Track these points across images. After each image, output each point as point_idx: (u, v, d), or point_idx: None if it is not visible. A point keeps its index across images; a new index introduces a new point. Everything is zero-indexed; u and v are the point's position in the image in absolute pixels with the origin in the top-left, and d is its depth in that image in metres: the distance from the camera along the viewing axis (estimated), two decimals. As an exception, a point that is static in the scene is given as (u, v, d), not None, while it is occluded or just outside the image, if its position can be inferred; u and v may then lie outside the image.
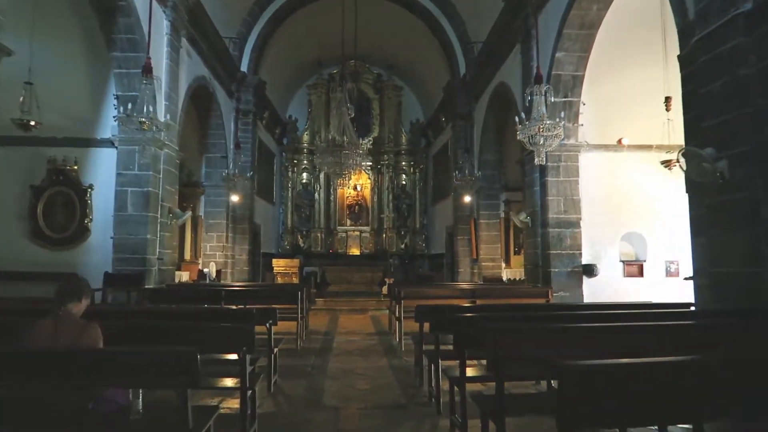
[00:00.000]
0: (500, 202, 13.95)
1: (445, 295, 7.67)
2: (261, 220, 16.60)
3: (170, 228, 9.24)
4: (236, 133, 14.06)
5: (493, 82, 12.30)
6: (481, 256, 13.76)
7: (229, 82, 13.45)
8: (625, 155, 9.04)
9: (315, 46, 17.37)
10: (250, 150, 14.66)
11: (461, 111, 14.76)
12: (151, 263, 8.61)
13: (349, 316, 12.17)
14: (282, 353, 7.07)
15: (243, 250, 14.41)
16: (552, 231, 8.80)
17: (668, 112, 7.29)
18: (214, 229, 13.49)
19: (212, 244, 13.49)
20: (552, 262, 8.74)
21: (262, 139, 16.48)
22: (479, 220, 13.90)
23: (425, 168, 19.83)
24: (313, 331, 9.46)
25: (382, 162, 19.58)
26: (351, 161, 7.84)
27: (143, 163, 8.38)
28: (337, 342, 8.33)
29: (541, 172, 9.11)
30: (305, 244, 19.19)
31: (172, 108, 9.28)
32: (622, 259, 8.91)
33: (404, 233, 19.58)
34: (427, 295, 7.67)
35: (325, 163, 8.02)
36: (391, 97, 19.70)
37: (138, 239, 8.46)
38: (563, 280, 8.70)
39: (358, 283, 16.54)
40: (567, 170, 8.91)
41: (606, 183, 8.99)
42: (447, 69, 15.73)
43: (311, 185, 19.50)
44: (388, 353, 7.33)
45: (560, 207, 8.85)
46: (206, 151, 13.53)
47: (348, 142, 7.77)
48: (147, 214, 8.51)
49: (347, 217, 20.04)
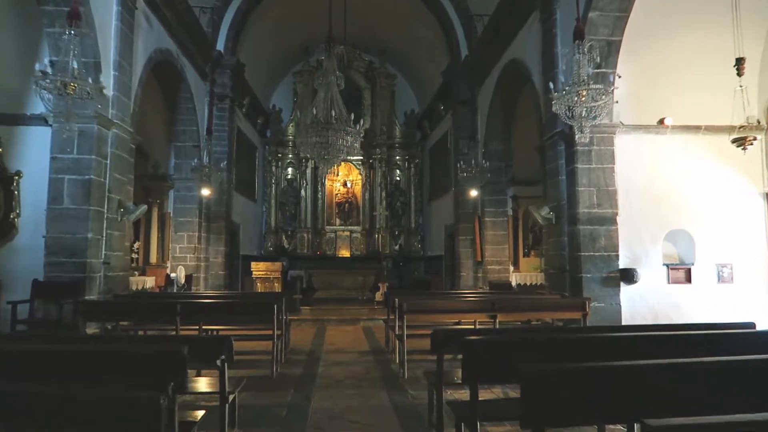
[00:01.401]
0: (507, 197, 12.46)
1: (457, 309, 6.14)
2: (240, 219, 14.98)
3: (121, 225, 7.62)
4: (210, 119, 12.43)
5: (502, 60, 10.80)
6: (487, 258, 12.26)
7: (201, 62, 11.82)
8: (668, 138, 7.58)
9: (301, 30, 15.78)
10: (227, 139, 13.05)
11: (463, 97, 13.26)
12: (94, 268, 6.99)
13: (338, 327, 10.60)
14: (251, 384, 5.50)
15: (218, 252, 12.78)
16: (583, 229, 7.31)
17: (740, 77, 5.83)
18: (185, 228, 11.86)
19: (182, 246, 11.86)
20: (583, 266, 7.24)
21: (241, 129, 14.86)
22: (484, 218, 12.39)
23: (421, 162, 18.31)
24: (294, 350, 7.88)
25: (374, 156, 18.03)
26: (341, 142, 6.30)
27: (67, 138, 6.72)
28: (323, 365, 6.76)
29: (569, 159, 7.62)
30: (290, 245, 17.57)
31: (123, 80, 7.67)
32: (665, 263, 7.44)
33: (398, 233, 18.03)
34: (436, 308, 6.14)
35: (309, 146, 6.46)
36: (384, 86, 18.16)
37: (77, 239, 6.83)
38: (596, 288, 7.21)
39: (349, 289, 14.99)
40: (600, 156, 7.42)
41: (646, 171, 7.52)
42: (446, 52, 14.23)
43: (297, 181, 17.88)
44: (388, 383, 5.78)
45: (592, 200, 7.36)
46: (175, 139, 11.90)
47: (337, 119, 6.23)
48: (88, 208, 6.89)
49: (336, 216, 18.45)
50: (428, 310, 6.09)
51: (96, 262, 7.01)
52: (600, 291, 7.20)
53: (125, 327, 6.94)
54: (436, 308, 6.10)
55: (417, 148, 18.30)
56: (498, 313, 6.01)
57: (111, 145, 7.40)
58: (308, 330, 10.20)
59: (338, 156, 6.60)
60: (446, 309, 6.10)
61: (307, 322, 10.99)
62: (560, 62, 7.65)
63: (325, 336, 9.42)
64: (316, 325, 10.81)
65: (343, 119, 6.37)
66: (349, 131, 6.40)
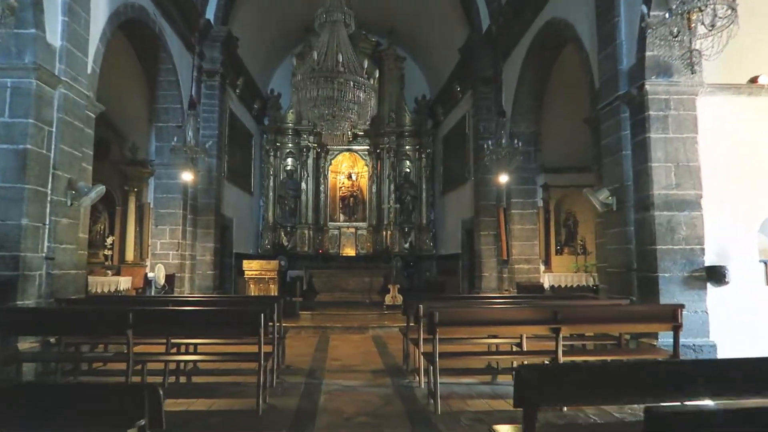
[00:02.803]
0: (537, 187, 10.88)
1: (506, 320, 4.54)
2: (234, 213, 13.42)
3: (72, 211, 6.05)
4: (198, 96, 10.88)
5: (536, 24, 9.23)
6: (514, 256, 10.67)
7: (186, 30, 10.26)
8: (764, 101, 5.99)
9: (301, 6, 14.21)
10: (217, 121, 11.50)
11: (484, 74, 11.69)
12: (31, 265, 5.42)
13: (343, 337, 9.02)
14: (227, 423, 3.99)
15: (206, 249, 11.22)
16: (659, 216, 5.72)
17: None
18: (167, 221, 10.30)
19: (164, 241, 10.29)
20: (659, 263, 5.65)
21: (234, 112, 13.31)
22: (510, 211, 10.81)
23: (432, 153, 16.71)
24: (290, 368, 6.30)
25: (382, 146, 16.44)
26: (350, 96, 4.75)
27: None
28: (326, 392, 5.18)
29: (636, 128, 6.03)
30: (289, 243, 15.99)
31: (77, 30, 6.10)
32: (762, 259, 5.85)
33: (408, 230, 16.43)
34: (478, 319, 4.55)
35: (309, 103, 4.89)
36: (392, 68, 16.58)
37: (7, 226, 5.27)
38: (676, 291, 5.63)
39: (354, 291, 13.42)
40: (679, 123, 5.84)
41: (735, 142, 5.93)
42: (463, 26, 12.70)
43: (297, 173, 16.30)
44: (416, 422, 4.20)
45: (670, 179, 5.77)
46: (156, 119, 10.35)
47: (345, 67, 4.67)
48: (23, 186, 5.33)
49: (340, 212, 16.88)
50: (467, 321, 4.50)
51: (34, 256, 5.44)
52: (681, 295, 5.61)
53: (73, 342, 5.39)
54: (478, 319, 4.52)
55: (428, 137, 16.70)
56: (562, 326, 4.43)
57: (58, 110, 5.84)
58: (309, 340, 8.63)
59: (347, 116, 5.03)
60: (492, 320, 4.52)
61: (307, 330, 9.41)
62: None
63: (328, 348, 7.84)
64: (317, 333, 9.23)
65: (353, 67, 4.81)
66: (361, 83, 4.85)
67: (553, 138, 10.74)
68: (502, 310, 4.68)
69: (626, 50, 6.20)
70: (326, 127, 5.39)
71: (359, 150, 16.72)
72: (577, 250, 10.83)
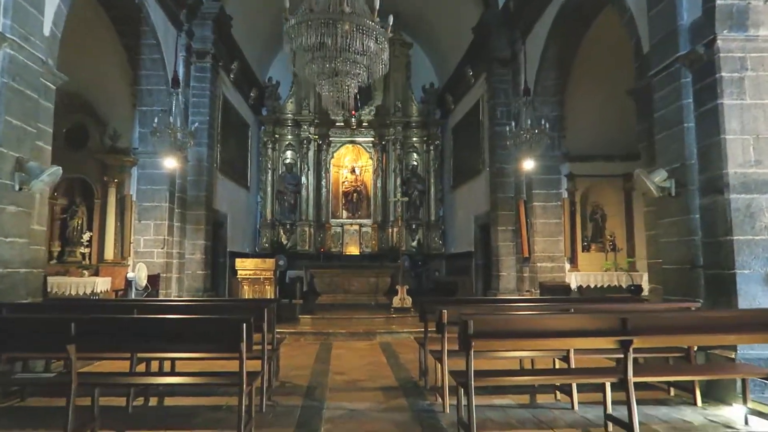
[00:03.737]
0: (561, 177, 9.83)
1: (560, 331, 3.48)
2: (229, 209, 12.42)
3: (23, 197, 5.03)
4: (188, 78, 9.90)
5: (563, -9, 8.20)
6: (536, 254, 9.62)
7: (172, 4, 9.25)
8: None
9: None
10: (209, 107, 10.48)
11: (501, 53, 10.66)
12: (-36, 262, 4.40)
13: (347, 344, 7.98)
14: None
15: (197, 246, 10.19)
16: (735, 199, 4.67)
17: None
18: (151, 216, 9.28)
19: (148, 238, 9.28)
20: (737, 258, 4.60)
21: (229, 100, 12.30)
22: (532, 203, 9.76)
23: (441, 144, 15.66)
24: (286, 385, 5.28)
25: (387, 137, 15.40)
26: (358, 44, 3.74)
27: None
28: (328, 419, 4.15)
29: (702, 95, 4.98)
30: (289, 241, 14.96)
31: (29, -20, 5.09)
32: None
33: (416, 227, 15.38)
34: (524, 330, 3.49)
35: (305, 53, 3.86)
36: (398, 55, 15.50)
37: (-68, 214, 4.25)
38: (758, 291, 4.57)
39: (359, 293, 12.34)
40: (758, 86, 4.79)
41: (825, 111, 4.87)
42: (475, 5, 11.72)
43: (297, 166, 15.27)
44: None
45: (748, 154, 4.72)
46: (139, 102, 9.33)
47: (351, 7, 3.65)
48: (-48, 165, 4.31)
49: (343, 208, 15.85)
50: (511, 332, 3.45)
51: (-33, 252, 4.42)
52: (765, 296, 4.56)
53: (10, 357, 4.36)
54: (523, 330, 3.47)
55: (437, 128, 15.67)
56: (634, 337, 3.38)
57: (5, 72, 4.82)
58: (308, 348, 7.59)
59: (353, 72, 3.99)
60: (541, 331, 3.47)
61: (307, 337, 8.38)
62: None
63: (330, 358, 6.81)
64: (318, 340, 8.20)
65: (361, 8, 3.78)
66: (371, 29, 3.83)
67: (579, 123, 9.70)
68: (553, 319, 3.62)
69: (687, 2, 5.16)
70: (326, 86, 4.36)
71: (363, 142, 15.69)
72: (606, 246, 9.77)
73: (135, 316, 4.00)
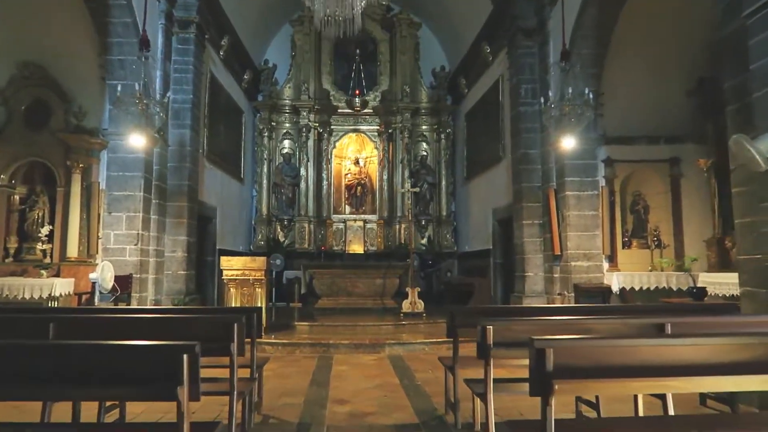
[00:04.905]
0: (598, 162, 8.52)
1: (692, 365, 2.18)
2: (218, 202, 11.14)
3: None
4: (168, 50, 8.63)
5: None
6: (570, 251, 8.30)
7: (148, -39, 7.95)
8: None
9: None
10: (192, 84, 9.19)
11: (526, 24, 9.34)
12: None
13: (351, 358, 6.68)
14: None
15: (178, 243, 8.90)
16: None
17: None
18: (123, 207, 8.00)
19: (119, 232, 7.99)
20: None
21: (218, 79, 11.01)
22: (563, 192, 8.45)
23: (453, 133, 14.34)
24: (270, 421, 3.98)
25: (394, 125, 14.07)
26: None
27: None
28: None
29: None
30: (287, 238, 13.66)
31: None
32: None
33: (425, 223, 14.05)
34: (635, 365, 2.18)
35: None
36: (405, 36, 14.22)
37: None
38: None
39: (363, 296, 11.08)
40: None
41: None
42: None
43: (295, 157, 13.96)
44: None
45: None
46: (110, 75, 8.05)
47: None
48: None
49: (346, 203, 14.54)
50: (615, 369, 2.14)
51: None
52: None
53: None
54: (634, 365, 2.14)
55: (448, 115, 14.34)
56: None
57: None
58: (305, 363, 6.29)
59: None
60: (660, 365, 2.15)
61: (303, 349, 7.07)
62: None
63: (330, 379, 5.50)
64: (316, 353, 6.89)
65: None
66: None
67: (619, 100, 8.39)
68: (681, 346, 2.27)
69: None
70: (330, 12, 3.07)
71: (368, 131, 14.38)
72: (650, 242, 8.45)
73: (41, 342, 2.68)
